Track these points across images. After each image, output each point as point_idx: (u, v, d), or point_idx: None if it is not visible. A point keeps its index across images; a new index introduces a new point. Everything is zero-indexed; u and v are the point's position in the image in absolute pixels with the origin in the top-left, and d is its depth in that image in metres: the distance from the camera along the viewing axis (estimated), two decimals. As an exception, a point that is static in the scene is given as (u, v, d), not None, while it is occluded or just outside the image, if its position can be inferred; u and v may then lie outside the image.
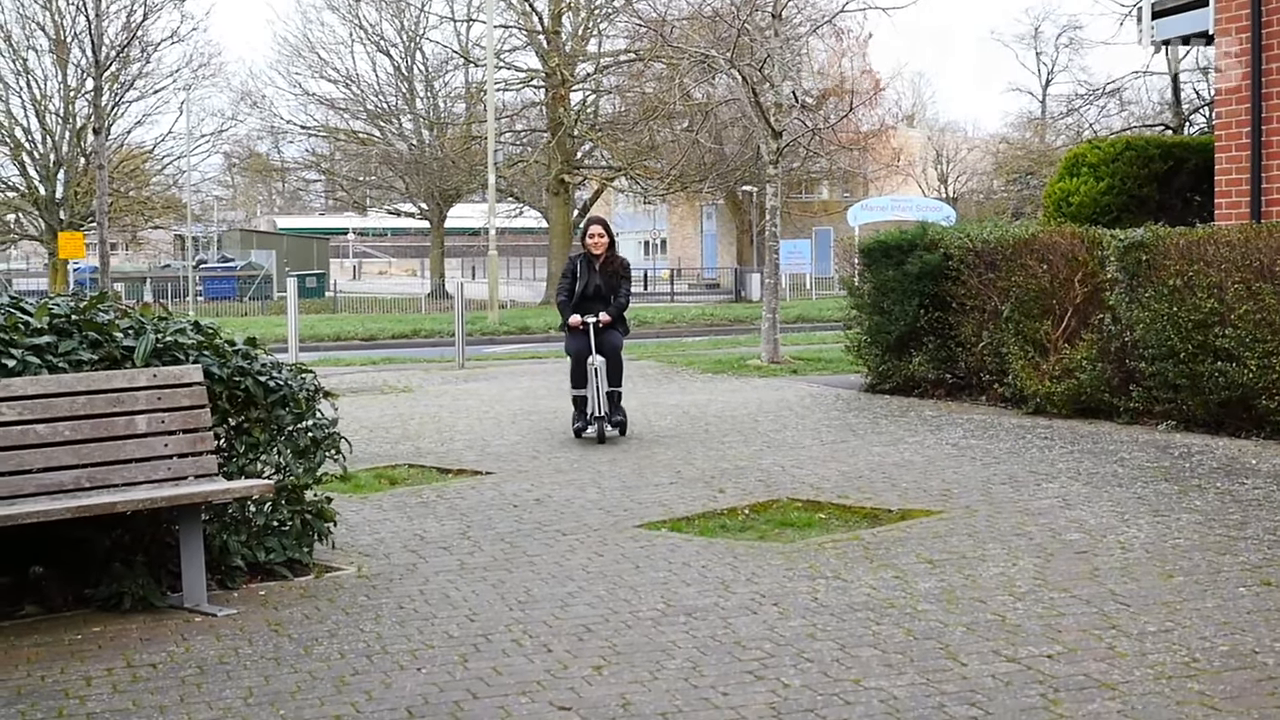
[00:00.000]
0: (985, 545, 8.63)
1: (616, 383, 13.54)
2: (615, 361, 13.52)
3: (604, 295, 13.63)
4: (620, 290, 13.70)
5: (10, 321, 7.66)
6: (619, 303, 13.66)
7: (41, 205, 54.36)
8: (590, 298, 13.60)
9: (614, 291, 13.65)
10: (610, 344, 13.49)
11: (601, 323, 13.46)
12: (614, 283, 13.66)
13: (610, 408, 13.50)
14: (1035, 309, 14.56)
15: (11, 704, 6.06)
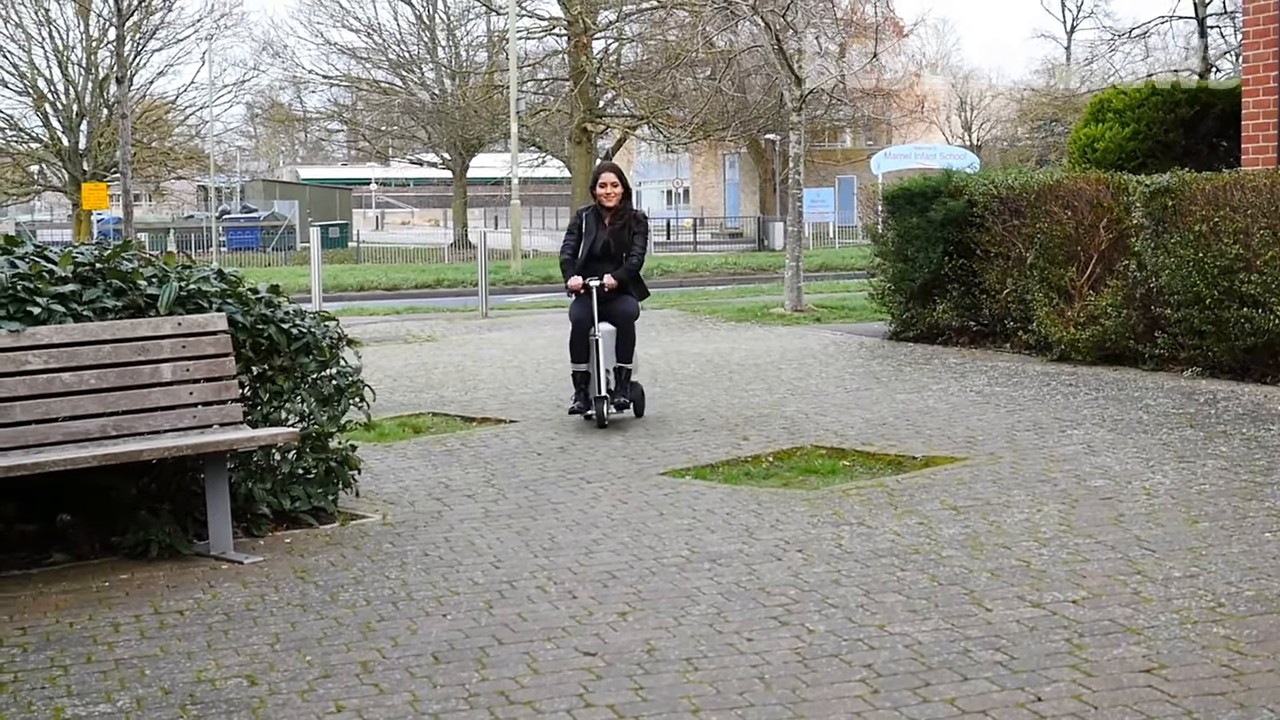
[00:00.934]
0: (1010, 492, 8.61)
1: (626, 357, 11.48)
2: (626, 333, 11.47)
3: (614, 255, 11.56)
4: (633, 248, 11.61)
5: (35, 270, 7.67)
6: (629, 263, 11.54)
7: (64, 156, 54.38)
8: (598, 257, 11.53)
9: (626, 250, 11.61)
10: (621, 311, 11.47)
11: (606, 287, 11.41)
12: (626, 240, 11.61)
13: (616, 386, 11.47)
14: (1060, 255, 14.50)
15: (41, 649, 6.10)
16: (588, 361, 11.36)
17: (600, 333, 11.29)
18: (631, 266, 11.58)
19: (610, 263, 11.55)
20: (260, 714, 5.27)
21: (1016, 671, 5.49)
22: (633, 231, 11.62)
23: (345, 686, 5.55)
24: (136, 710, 5.35)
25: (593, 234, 11.58)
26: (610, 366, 11.36)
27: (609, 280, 11.42)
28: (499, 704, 5.32)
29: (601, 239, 11.55)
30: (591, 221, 11.63)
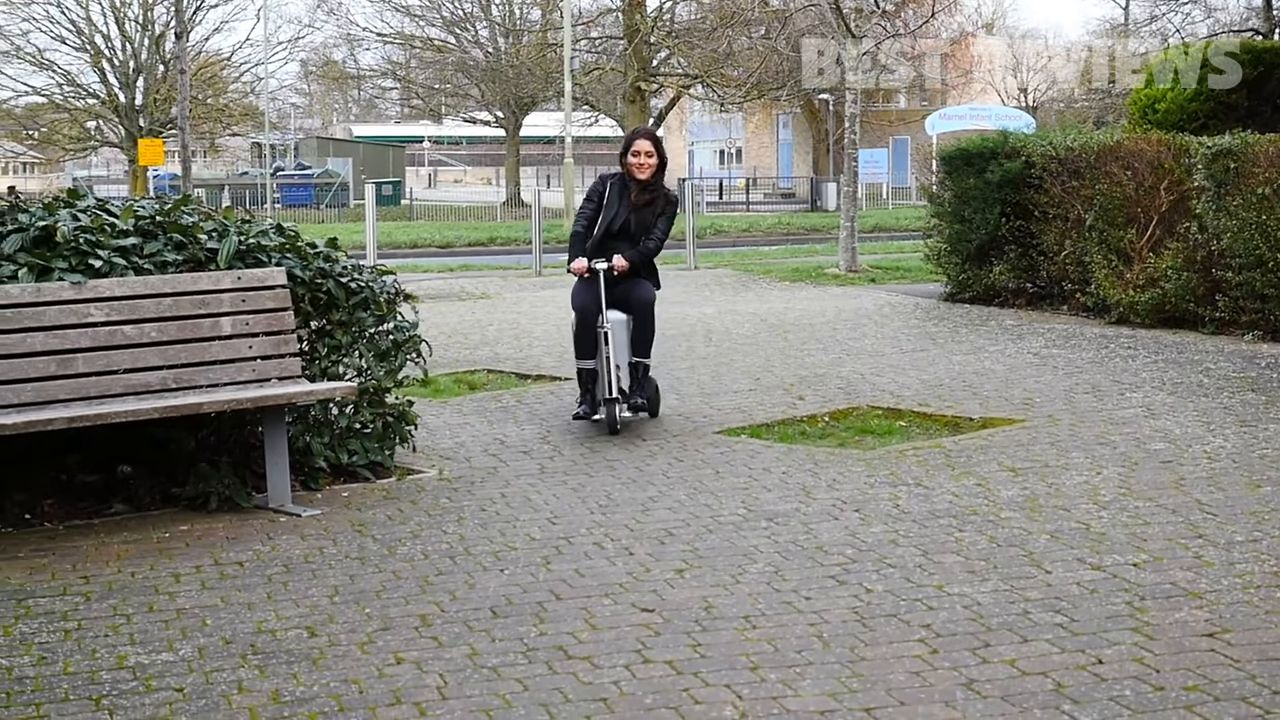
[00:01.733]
0: (1068, 454, 8.56)
1: (644, 350, 9.79)
2: (643, 321, 9.75)
3: (634, 236, 9.82)
4: (654, 230, 9.87)
5: (96, 223, 7.71)
6: (646, 245, 9.80)
7: (121, 112, 54.67)
8: (615, 236, 9.78)
9: (646, 233, 9.85)
10: (637, 297, 9.73)
11: (617, 269, 9.64)
12: (650, 221, 9.87)
13: (631, 384, 9.78)
14: (1119, 217, 14.38)
15: (104, 598, 6.15)
16: (595, 357, 9.62)
17: (610, 323, 9.57)
18: (648, 250, 9.81)
19: (629, 244, 9.79)
20: (321, 665, 5.30)
21: (1077, 634, 5.47)
22: (658, 212, 9.87)
23: (404, 639, 5.58)
24: (198, 659, 5.39)
25: (614, 208, 9.82)
26: (623, 362, 9.70)
27: (619, 261, 9.61)
28: (557, 658, 5.33)
29: (622, 216, 9.79)
30: (615, 193, 9.86)
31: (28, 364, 7.12)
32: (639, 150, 9.78)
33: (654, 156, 9.80)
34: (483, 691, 5.01)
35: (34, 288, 7.22)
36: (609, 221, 9.79)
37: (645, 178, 9.77)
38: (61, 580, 6.43)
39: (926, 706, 4.79)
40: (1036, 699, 4.84)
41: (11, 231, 7.49)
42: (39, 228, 7.52)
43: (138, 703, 4.97)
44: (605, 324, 9.56)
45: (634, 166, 9.76)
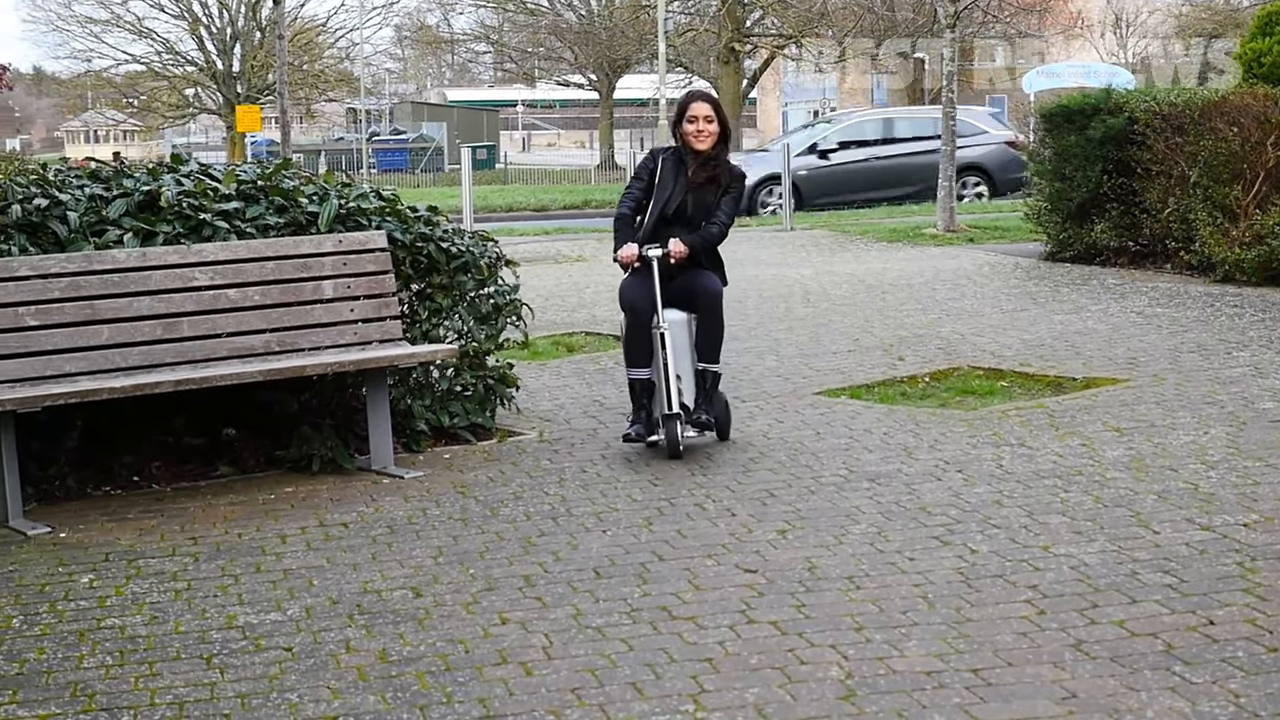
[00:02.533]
0: (1175, 413, 8.45)
1: (712, 355, 8.12)
2: (710, 319, 8.10)
3: (693, 221, 8.15)
4: (718, 212, 8.18)
5: (199, 188, 7.78)
6: (709, 230, 8.12)
7: (219, 79, 55.25)
8: (670, 221, 8.12)
9: (707, 217, 8.17)
10: (703, 290, 8.07)
11: (674, 256, 8.00)
12: (712, 203, 8.19)
13: (697, 397, 8.11)
14: (1225, 174, 14.13)
15: (212, 559, 6.23)
16: (649, 365, 8.03)
17: (668, 323, 7.92)
18: (712, 235, 8.13)
19: (687, 231, 8.11)
20: (426, 625, 5.34)
21: (1187, 595, 5.40)
22: (722, 190, 8.20)
23: (508, 599, 5.60)
24: (306, 619, 5.44)
25: (668, 188, 8.13)
26: (685, 371, 8.07)
27: (676, 247, 7.96)
28: (661, 619, 5.33)
29: (678, 197, 8.12)
30: (669, 170, 8.18)
31: (134, 328, 7.21)
32: (695, 115, 8.11)
33: (714, 122, 8.10)
34: (588, 651, 5.03)
35: (139, 252, 7.31)
36: (662, 204, 8.10)
37: (704, 148, 8.08)
38: (170, 541, 6.52)
39: (1034, 668, 4.76)
40: (1146, 660, 4.79)
41: (117, 196, 7.58)
42: (143, 193, 7.61)
43: (248, 661, 5.03)
44: (662, 324, 7.88)
45: (690, 135, 8.10)
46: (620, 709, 4.53)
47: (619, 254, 8.11)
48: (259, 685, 4.81)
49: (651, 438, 7.92)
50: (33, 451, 7.32)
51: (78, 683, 4.87)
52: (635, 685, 4.72)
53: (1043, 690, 4.57)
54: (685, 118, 8.14)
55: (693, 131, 8.11)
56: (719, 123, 8.14)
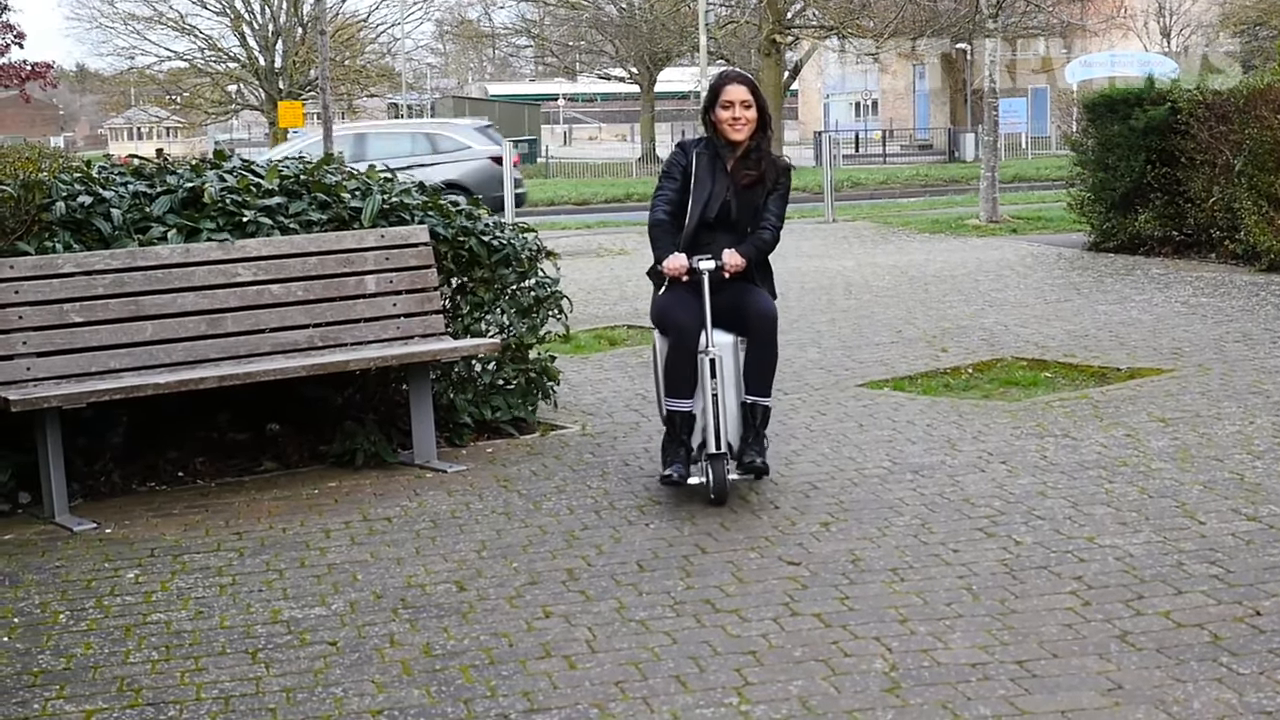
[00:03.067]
0: (1220, 404, 8.39)
1: (764, 388, 7.02)
2: (766, 346, 6.98)
3: (739, 225, 7.03)
4: (767, 214, 7.06)
5: (242, 183, 7.82)
6: (762, 236, 7.02)
7: (261, 75, 55.42)
8: (713, 227, 6.99)
9: (755, 220, 7.05)
10: (756, 311, 6.95)
11: (729, 269, 6.88)
12: (759, 202, 7.06)
13: (745, 434, 6.97)
14: (1270, 162, 14.02)
15: (257, 554, 6.26)
16: (693, 396, 6.88)
17: (719, 348, 6.80)
18: (766, 243, 7.02)
19: (732, 238, 7.00)
20: (470, 619, 5.35)
21: (1233, 585, 5.36)
22: (769, 188, 7.06)
23: (552, 593, 5.61)
24: (350, 613, 5.46)
25: (706, 187, 6.98)
26: (737, 403, 6.94)
27: (732, 259, 6.86)
28: (705, 611, 5.33)
29: (720, 196, 6.98)
30: (705, 167, 7.01)
31: (178, 324, 7.24)
32: (731, 99, 6.97)
33: (751, 108, 6.97)
34: (631, 645, 5.03)
35: (183, 248, 7.34)
36: (702, 206, 6.95)
37: (741, 139, 6.96)
38: (215, 536, 6.55)
39: (1080, 659, 4.73)
40: (1193, 651, 4.76)
41: (161, 193, 7.62)
42: (186, 189, 7.64)
43: (292, 656, 5.05)
44: (712, 348, 6.77)
45: (725, 123, 6.98)
46: (664, 702, 4.54)
47: (665, 265, 6.86)
48: (304, 680, 4.83)
49: (692, 479, 6.78)
50: (78, 447, 7.37)
51: (124, 677, 4.90)
52: (679, 678, 4.72)
53: (1088, 681, 4.55)
54: (719, 103, 6.99)
55: (727, 119, 6.97)
56: (757, 108, 6.98)
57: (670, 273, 6.89)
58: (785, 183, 7.14)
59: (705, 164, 7.00)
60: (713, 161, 7.00)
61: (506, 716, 4.47)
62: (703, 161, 7.01)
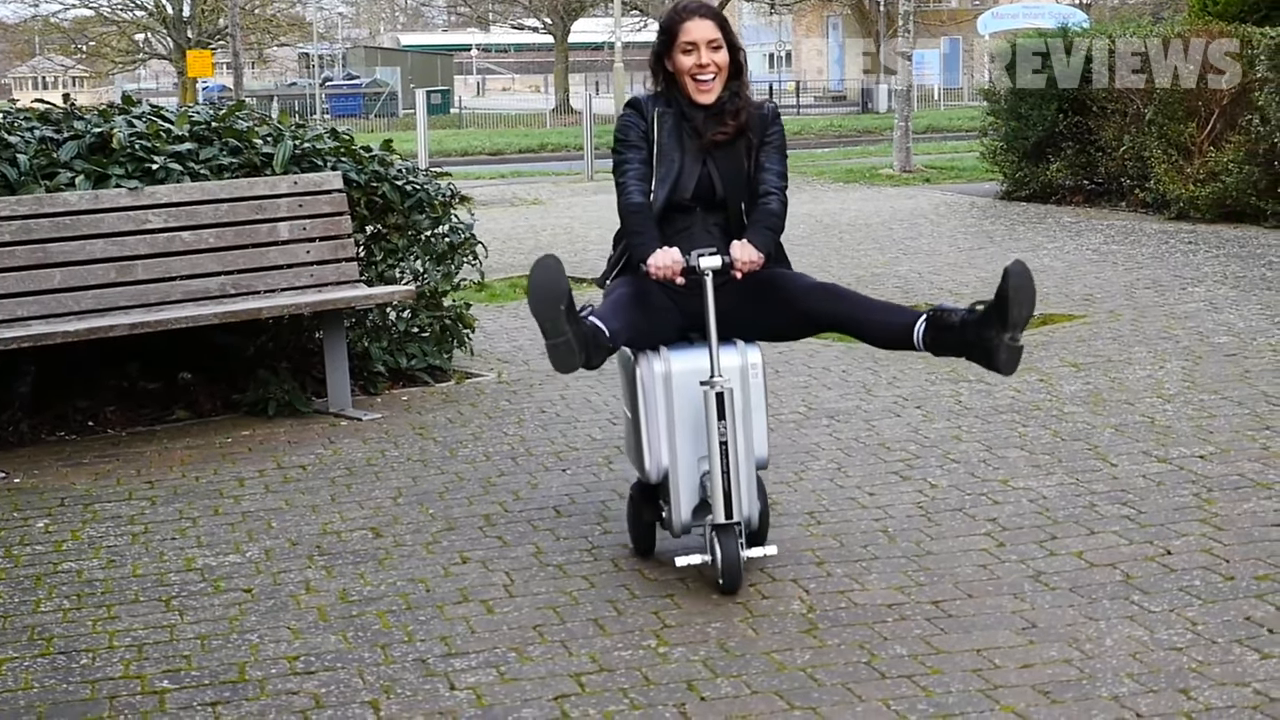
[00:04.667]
0: (1131, 349, 8.48)
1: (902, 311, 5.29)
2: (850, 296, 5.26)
3: (725, 201, 5.22)
4: (765, 174, 5.22)
5: (152, 129, 7.70)
6: (769, 209, 5.18)
7: (169, 24, 54.62)
8: (688, 208, 5.21)
9: (749, 190, 5.22)
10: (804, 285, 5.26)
11: (741, 267, 5.01)
12: (748, 166, 5.23)
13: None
14: (1180, 111, 14.17)
15: (170, 502, 6.19)
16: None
17: (725, 373, 4.93)
18: (775, 218, 5.17)
19: (715, 216, 5.21)
20: (387, 565, 5.32)
21: (1145, 525, 5.42)
22: (758, 141, 5.22)
23: (469, 539, 5.59)
24: (265, 560, 5.42)
25: (673, 159, 5.16)
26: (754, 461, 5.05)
27: (745, 254, 5.00)
28: (623, 555, 5.33)
29: (693, 169, 5.17)
30: (670, 131, 5.19)
31: (87, 271, 7.13)
32: (694, 41, 5.13)
33: (722, 49, 5.17)
34: (549, 589, 5.02)
35: (91, 194, 7.22)
36: (671, 182, 5.14)
37: (710, 99, 5.16)
38: (127, 485, 6.47)
39: (995, 599, 4.77)
40: (1105, 590, 4.81)
41: (68, 139, 7.48)
42: (95, 134, 7.51)
43: (207, 603, 5.00)
44: (719, 378, 4.88)
45: (689, 77, 5.15)
46: (583, 645, 4.53)
47: (651, 264, 4.97)
48: (218, 627, 4.78)
49: (686, 560, 4.88)
50: (-14, 397, 7.25)
51: (35, 626, 4.83)
52: (597, 621, 4.72)
53: (1003, 621, 4.59)
54: (677, 46, 5.17)
55: (691, 68, 5.14)
56: (728, 50, 5.20)
57: (659, 274, 4.97)
58: (778, 130, 5.28)
59: (669, 128, 5.18)
60: (677, 124, 5.17)
61: (424, 661, 4.45)
62: (665, 125, 5.18)
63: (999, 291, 4.88)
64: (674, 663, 4.38)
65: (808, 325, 5.28)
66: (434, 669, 4.39)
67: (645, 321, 5.12)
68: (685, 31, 5.17)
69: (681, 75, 5.18)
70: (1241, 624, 4.48)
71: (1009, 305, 4.85)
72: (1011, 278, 4.84)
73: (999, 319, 4.89)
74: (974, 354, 5.00)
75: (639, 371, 5.11)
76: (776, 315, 5.22)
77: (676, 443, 5.01)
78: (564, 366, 5.00)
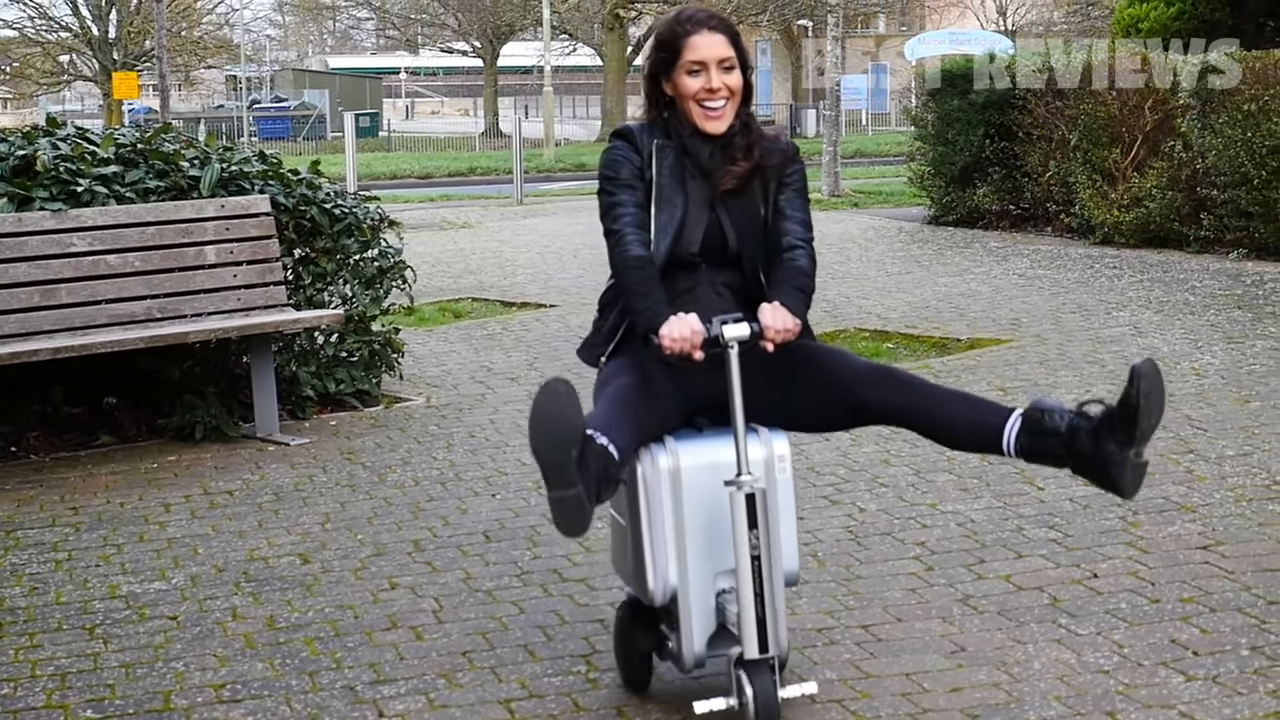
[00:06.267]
0: (1057, 372, 8.55)
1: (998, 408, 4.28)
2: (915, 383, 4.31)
3: (738, 257, 4.27)
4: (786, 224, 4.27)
5: (77, 151, 7.63)
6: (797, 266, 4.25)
7: (95, 45, 54.13)
8: (691, 265, 4.25)
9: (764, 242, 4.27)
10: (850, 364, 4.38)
11: (773, 337, 4.05)
12: (767, 211, 4.28)
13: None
14: (1104, 137, 14.32)
15: (94, 529, 6.12)
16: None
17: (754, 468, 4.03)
18: (805, 276, 4.29)
19: (724, 274, 4.31)
20: (315, 591, 5.28)
21: (1071, 549, 5.47)
22: (776, 183, 4.34)
23: (398, 564, 5.56)
24: (191, 587, 5.37)
25: (676, 205, 4.24)
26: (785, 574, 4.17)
27: (780, 322, 4.10)
28: (552, 580, 5.32)
29: (699, 218, 4.25)
30: (670, 171, 4.27)
31: (10, 295, 7.05)
32: (702, 60, 4.24)
33: (734, 70, 4.28)
34: (479, 615, 5.00)
35: (14, 217, 7.14)
36: (673, 235, 4.21)
37: (722, 129, 4.26)
38: (50, 511, 6.40)
39: (924, 622, 4.79)
40: (1033, 613, 4.84)
41: (-9, 161, 7.40)
42: (18, 157, 7.43)
43: (132, 631, 4.95)
44: (748, 475, 3.96)
45: (696, 104, 4.25)
46: (512, 671, 4.51)
47: (664, 335, 4.01)
48: (143, 655, 4.73)
49: (707, 706, 3.93)
50: (-94, 422, 7.14)
51: (-44, 655, 4.77)
52: (527, 647, 4.70)
53: (932, 644, 4.60)
54: (681, 65, 4.25)
55: (699, 93, 4.23)
56: (740, 69, 4.32)
57: (674, 349, 4.00)
58: (799, 170, 4.38)
59: (669, 167, 4.26)
60: (679, 162, 4.27)
61: (352, 689, 4.42)
62: (664, 161, 4.26)
63: (1125, 397, 4.01)
64: (604, 688, 4.37)
65: (857, 415, 4.30)
66: (362, 696, 4.36)
67: (652, 417, 4.16)
68: (691, 48, 4.24)
69: (685, 101, 4.26)
70: (1167, 646, 4.52)
71: (1138, 415, 3.98)
72: (1142, 380, 3.98)
73: (1124, 429, 4.02)
74: (1086, 469, 4.13)
75: (639, 468, 4.15)
76: (813, 399, 4.28)
77: (687, 556, 4.05)
78: (572, 528, 3.92)
